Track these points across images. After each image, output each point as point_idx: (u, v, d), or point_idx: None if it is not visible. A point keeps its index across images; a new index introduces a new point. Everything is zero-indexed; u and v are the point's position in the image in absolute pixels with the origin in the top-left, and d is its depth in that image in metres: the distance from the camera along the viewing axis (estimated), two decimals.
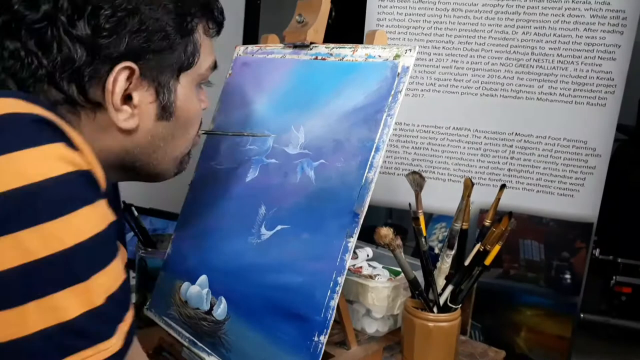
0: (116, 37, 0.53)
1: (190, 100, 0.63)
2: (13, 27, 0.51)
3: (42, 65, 0.52)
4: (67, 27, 0.51)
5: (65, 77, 0.52)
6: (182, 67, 0.60)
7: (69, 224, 0.44)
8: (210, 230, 0.86)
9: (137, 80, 0.56)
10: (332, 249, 0.70)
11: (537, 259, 1.32)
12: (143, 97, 0.58)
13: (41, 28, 0.51)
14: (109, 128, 0.57)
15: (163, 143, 0.63)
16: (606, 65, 1.20)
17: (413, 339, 0.82)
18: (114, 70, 0.54)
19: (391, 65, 0.73)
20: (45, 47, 0.51)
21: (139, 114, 0.58)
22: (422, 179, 0.85)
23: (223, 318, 0.80)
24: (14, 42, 0.51)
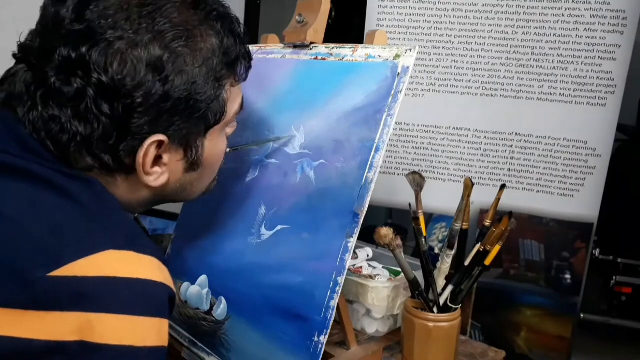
0: (147, 118, 0.54)
1: (216, 148, 0.66)
2: (51, 99, 0.53)
3: (79, 134, 0.53)
4: (99, 106, 0.52)
5: (101, 149, 0.54)
6: (209, 126, 0.61)
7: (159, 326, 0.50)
8: (210, 231, 0.86)
9: (167, 146, 0.58)
10: (332, 249, 0.70)
11: (537, 259, 1.32)
12: (172, 157, 0.60)
13: (76, 104, 0.52)
14: (141, 185, 0.60)
15: (190, 186, 0.66)
16: (606, 65, 1.20)
17: (413, 339, 0.82)
18: (144, 145, 0.55)
19: (391, 65, 0.73)
20: (81, 120, 0.53)
21: (169, 171, 0.60)
22: (422, 179, 0.85)
23: (223, 318, 0.80)
24: (54, 110, 0.53)
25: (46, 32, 0.54)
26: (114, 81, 0.52)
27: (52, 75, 0.52)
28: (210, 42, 0.58)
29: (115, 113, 0.53)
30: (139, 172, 0.57)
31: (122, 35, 0.52)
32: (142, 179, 0.58)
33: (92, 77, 0.51)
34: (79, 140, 0.53)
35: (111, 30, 0.52)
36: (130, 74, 0.52)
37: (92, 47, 0.52)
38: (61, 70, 0.52)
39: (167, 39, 0.54)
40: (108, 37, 0.52)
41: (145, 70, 0.53)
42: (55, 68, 0.52)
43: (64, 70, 0.52)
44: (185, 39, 0.55)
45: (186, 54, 0.55)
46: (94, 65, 0.51)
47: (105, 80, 0.52)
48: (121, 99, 0.52)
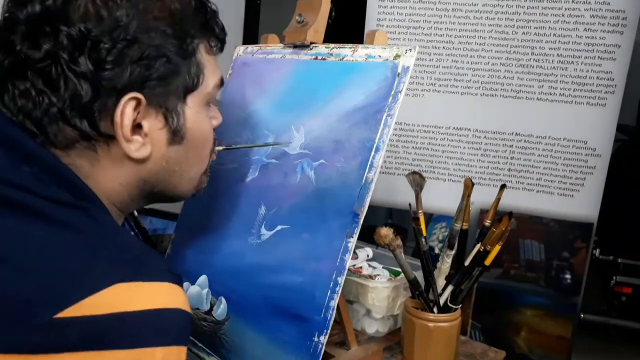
0: (118, 68, 0.53)
1: (200, 121, 0.64)
2: (19, 68, 0.52)
3: (52, 104, 0.52)
4: (69, 63, 0.52)
5: (76, 113, 0.53)
6: (187, 89, 0.60)
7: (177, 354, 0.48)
8: (210, 231, 0.86)
9: (145, 109, 0.56)
10: (332, 249, 0.70)
11: (537, 259, 1.32)
12: (152, 125, 0.58)
13: (45, 67, 0.52)
14: (124, 160, 0.58)
15: (178, 167, 0.63)
16: (606, 65, 1.20)
17: (413, 339, 0.82)
18: (120, 103, 0.54)
19: (391, 65, 0.73)
20: (52, 85, 0.52)
21: (151, 142, 0.59)
22: (422, 179, 0.85)
23: (223, 318, 0.80)
24: (23, 82, 0.52)
25: (11, 5, 0.54)
26: (81, 31, 0.51)
27: (19, 41, 0.52)
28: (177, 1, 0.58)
29: (86, 67, 0.52)
30: (119, 137, 0.55)
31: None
32: (123, 147, 0.56)
33: (61, 31, 0.51)
34: (52, 110, 0.52)
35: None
36: (95, 22, 0.52)
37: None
38: (28, 32, 0.52)
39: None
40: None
41: (109, 17, 0.52)
42: (22, 33, 0.52)
43: (30, 31, 0.52)
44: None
45: (152, 3, 0.55)
46: (60, 17, 0.51)
47: (73, 32, 0.51)
48: (90, 50, 0.52)
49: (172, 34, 0.57)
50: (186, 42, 0.58)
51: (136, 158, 0.58)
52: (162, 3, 0.56)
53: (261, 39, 0.94)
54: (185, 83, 0.59)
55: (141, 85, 0.55)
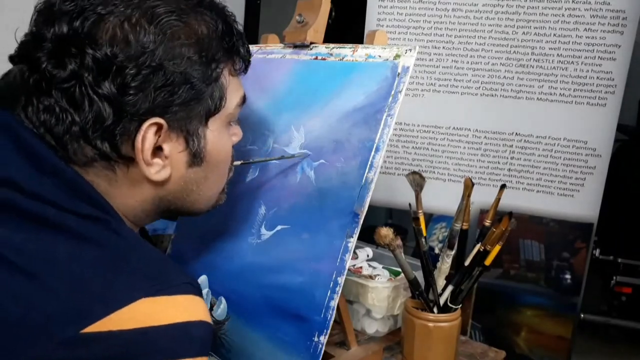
0: (142, 94, 0.53)
1: (220, 142, 0.64)
2: (44, 85, 0.52)
3: (75, 122, 0.53)
4: (93, 86, 0.52)
5: (98, 135, 0.53)
6: (209, 113, 0.60)
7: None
8: (210, 231, 0.86)
9: (166, 133, 0.57)
10: (332, 249, 0.70)
11: (537, 259, 1.32)
12: (173, 148, 0.58)
13: (70, 87, 0.52)
14: (142, 181, 0.58)
15: (196, 187, 0.63)
16: (606, 65, 1.20)
17: (413, 339, 0.82)
18: (142, 128, 0.54)
19: (391, 65, 0.73)
20: (75, 105, 0.52)
21: (170, 164, 0.59)
22: (422, 179, 0.85)
23: (223, 318, 0.79)
24: (48, 98, 0.53)
25: (38, 21, 0.54)
26: (106, 55, 0.51)
27: (45, 59, 0.52)
28: (204, 24, 0.58)
29: (110, 91, 0.52)
30: (139, 161, 0.55)
31: (112, 10, 0.52)
32: (142, 170, 0.56)
33: (86, 53, 0.51)
34: (75, 129, 0.53)
35: (101, 6, 0.52)
36: (122, 47, 0.52)
37: (84, 21, 0.52)
38: (54, 51, 0.52)
39: (158, 13, 0.54)
40: (99, 12, 0.52)
41: (137, 42, 0.52)
42: (48, 52, 0.52)
43: (56, 51, 0.52)
44: (177, 16, 0.55)
45: (179, 29, 0.55)
46: (87, 39, 0.51)
47: (99, 56, 0.51)
48: (114, 74, 0.52)
49: (198, 60, 0.57)
50: (211, 67, 0.58)
51: (155, 180, 0.58)
52: (189, 28, 0.56)
53: (261, 39, 0.94)
54: (207, 107, 0.59)
55: (163, 110, 0.55)
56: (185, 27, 0.56)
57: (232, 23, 0.62)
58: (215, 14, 0.59)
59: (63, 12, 0.52)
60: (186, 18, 0.56)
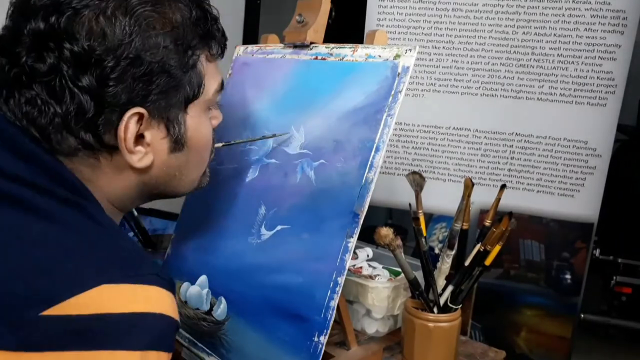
0: (121, 85, 0.54)
1: (201, 127, 0.65)
2: (25, 78, 0.53)
3: (57, 114, 0.53)
4: (73, 79, 0.52)
5: (80, 126, 0.54)
6: (188, 99, 0.61)
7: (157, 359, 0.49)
8: (210, 231, 0.86)
9: (147, 121, 0.57)
10: (332, 249, 0.70)
11: (538, 259, 1.32)
12: (154, 135, 0.59)
13: (50, 80, 0.52)
14: (126, 168, 0.59)
15: (178, 172, 0.64)
16: (606, 65, 1.20)
17: (413, 340, 0.82)
18: (123, 118, 0.55)
19: (391, 65, 0.73)
20: (57, 98, 0.53)
21: (152, 151, 0.60)
22: (422, 179, 0.85)
23: (223, 318, 0.79)
24: (29, 90, 0.53)
25: (15, 16, 0.55)
26: (84, 49, 0.52)
27: (24, 54, 0.52)
28: (178, 12, 0.58)
29: (89, 84, 0.52)
30: (122, 150, 0.56)
31: (87, 4, 0.53)
32: (126, 158, 0.57)
33: (64, 48, 0.52)
34: (57, 121, 0.53)
35: (76, 0, 0.53)
36: (99, 39, 0.52)
37: (60, 16, 0.52)
38: (32, 46, 0.52)
39: (132, 4, 0.54)
40: (74, 6, 0.53)
41: (113, 34, 0.53)
42: (27, 46, 0.52)
43: (35, 45, 0.52)
44: (151, 6, 0.56)
45: (154, 19, 0.56)
46: (64, 34, 0.52)
47: (77, 49, 0.52)
48: (94, 67, 0.52)
49: (174, 49, 0.57)
50: (187, 54, 0.59)
51: (138, 167, 0.59)
52: (164, 17, 0.57)
53: (261, 39, 0.94)
54: (186, 94, 0.60)
55: (143, 99, 0.56)
56: (159, 17, 0.56)
57: (207, 7, 0.62)
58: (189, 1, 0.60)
59: (39, 7, 0.53)
60: (160, 7, 0.56)
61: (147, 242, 1.04)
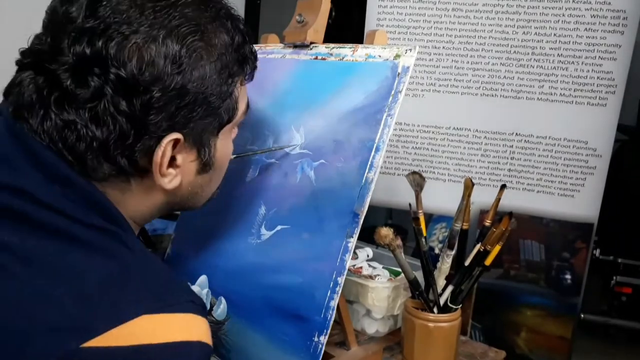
0: (164, 114, 0.54)
1: (226, 148, 0.66)
2: (66, 102, 0.51)
3: (96, 139, 0.52)
4: (117, 104, 0.51)
5: (119, 152, 0.53)
6: (222, 125, 0.61)
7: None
8: (210, 231, 0.86)
9: (181, 145, 0.57)
10: (332, 249, 0.70)
11: (538, 259, 1.32)
12: (185, 158, 0.59)
13: (94, 106, 0.51)
14: (155, 189, 0.59)
15: (200, 189, 0.65)
16: (607, 65, 1.20)
17: (413, 340, 0.82)
18: (162, 144, 0.55)
19: (391, 65, 0.73)
20: (97, 123, 0.52)
21: (181, 173, 0.60)
22: (422, 179, 0.85)
23: (223, 318, 0.79)
24: (69, 115, 0.52)
25: (56, 32, 0.52)
26: (133, 75, 0.51)
27: (67, 77, 0.51)
28: (222, 38, 0.58)
29: (133, 110, 0.52)
30: (155, 173, 0.56)
31: (137, 29, 0.52)
32: (157, 181, 0.57)
33: (110, 73, 0.50)
34: (95, 146, 0.52)
35: (125, 25, 0.51)
36: (149, 68, 0.51)
37: (108, 41, 0.51)
38: (76, 69, 0.51)
39: (183, 33, 0.54)
40: (123, 31, 0.51)
41: (163, 63, 0.52)
42: (70, 68, 0.51)
43: (79, 69, 0.51)
44: (200, 34, 0.55)
45: (202, 49, 0.55)
46: (112, 60, 0.51)
47: (124, 75, 0.51)
48: (139, 95, 0.52)
49: (217, 79, 0.57)
50: (228, 83, 0.59)
51: (168, 189, 0.59)
52: (211, 46, 0.56)
53: (261, 39, 0.94)
54: (221, 120, 0.61)
55: (182, 126, 0.56)
56: (206, 46, 0.56)
57: (245, 32, 0.62)
58: (231, 24, 0.60)
59: (85, 29, 0.51)
60: (207, 35, 0.56)
61: (147, 242, 1.04)
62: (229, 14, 0.60)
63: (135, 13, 0.52)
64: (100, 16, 0.51)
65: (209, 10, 0.57)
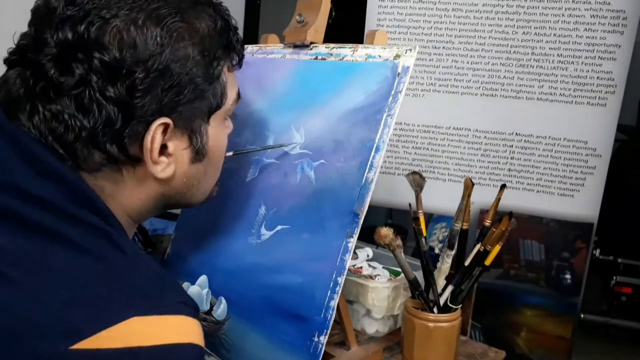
0: (150, 96, 0.53)
1: (219, 137, 0.65)
2: (51, 92, 0.52)
3: (84, 128, 0.52)
4: (102, 90, 0.51)
5: (107, 138, 0.53)
6: (211, 110, 0.61)
7: None
8: (210, 231, 0.86)
9: (172, 132, 0.57)
10: (332, 249, 0.70)
11: (538, 259, 1.32)
12: (177, 145, 0.59)
13: (79, 93, 0.51)
14: (148, 179, 0.59)
15: (196, 182, 0.64)
16: (606, 65, 1.20)
17: (413, 340, 0.81)
18: (150, 129, 0.55)
19: (391, 65, 0.73)
20: (85, 111, 0.52)
21: (175, 161, 0.59)
22: (422, 179, 0.85)
23: (223, 318, 0.79)
24: (55, 105, 0.52)
25: (39, 25, 0.53)
26: (115, 59, 0.51)
27: (51, 66, 0.51)
28: (204, 21, 0.58)
29: (118, 95, 0.52)
30: (147, 160, 0.56)
31: (117, 13, 0.52)
32: (149, 169, 0.57)
33: (94, 58, 0.51)
34: (84, 135, 0.52)
35: (105, 10, 0.52)
36: (130, 50, 0.52)
37: (89, 25, 0.51)
38: (60, 57, 0.51)
39: (162, 14, 0.54)
40: (103, 16, 0.52)
41: (144, 45, 0.52)
42: (53, 57, 0.51)
43: (62, 56, 0.51)
44: (180, 16, 0.55)
45: (182, 29, 0.55)
46: (94, 44, 0.51)
47: (107, 59, 0.51)
48: (123, 78, 0.52)
49: (201, 60, 0.57)
50: (213, 65, 0.59)
51: (161, 178, 0.59)
52: (192, 28, 0.56)
53: (261, 39, 0.94)
54: (210, 105, 0.60)
55: (170, 110, 0.56)
56: (188, 27, 0.56)
57: (229, 18, 0.62)
58: (213, 10, 0.60)
59: (66, 17, 0.52)
60: (188, 17, 0.56)
61: (147, 242, 1.04)
62: (209, 1, 0.60)
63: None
64: (79, 3, 0.52)
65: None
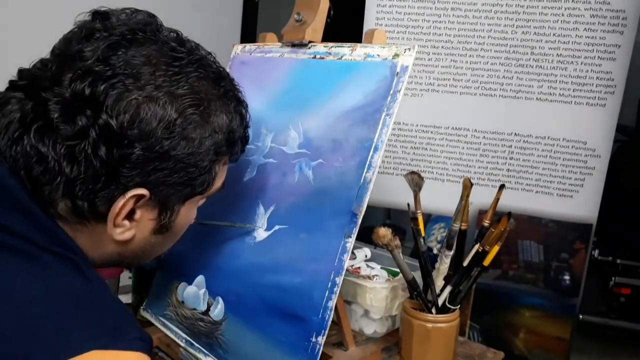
0: (139, 170, 0.53)
1: (188, 216, 0.65)
2: (46, 134, 0.51)
3: (63, 175, 0.52)
4: (97, 149, 0.51)
5: (82, 194, 0.53)
6: (192, 195, 0.61)
7: None
8: (208, 231, 0.86)
9: (144, 202, 0.57)
10: (330, 249, 0.70)
11: (536, 259, 1.32)
12: (144, 214, 0.59)
13: (73, 145, 0.51)
14: (106, 237, 0.58)
15: (152, 249, 0.64)
16: (606, 66, 1.20)
17: (411, 340, 0.81)
18: (125, 195, 0.54)
19: (390, 64, 0.73)
20: (72, 161, 0.51)
21: (137, 228, 0.59)
22: (420, 179, 0.84)
23: (220, 319, 0.79)
24: (45, 147, 0.51)
25: (63, 64, 0.52)
26: (122, 127, 0.51)
27: (56, 109, 0.51)
28: (221, 118, 0.59)
29: (110, 159, 0.51)
30: (109, 221, 0.56)
31: (143, 87, 0.52)
32: (109, 229, 0.56)
33: (100, 118, 0.50)
34: (60, 181, 0.52)
35: (132, 79, 0.52)
36: (140, 125, 0.52)
37: (110, 89, 0.51)
38: (69, 105, 0.51)
39: (184, 103, 0.54)
40: (128, 84, 0.52)
41: (156, 126, 0.53)
42: (62, 101, 0.51)
43: (71, 105, 0.51)
44: (201, 109, 0.56)
45: (197, 123, 0.56)
46: (106, 107, 0.51)
47: (114, 124, 0.51)
48: (122, 147, 0.52)
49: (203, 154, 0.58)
50: (211, 159, 0.59)
51: (118, 240, 0.58)
52: (207, 123, 0.57)
53: (259, 38, 0.94)
54: (193, 191, 0.60)
55: (152, 185, 0.56)
56: (203, 122, 0.57)
57: (245, 114, 0.64)
58: (234, 107, 0.61)
59: (92, 71, 0.51)
60: (208, 110, 0.57)
61: None
62: (236, 97, 0.62)
63: (147, 71, 0.53)
64: (111, 64, 0.52)
65: (218, 88, 0.59)
